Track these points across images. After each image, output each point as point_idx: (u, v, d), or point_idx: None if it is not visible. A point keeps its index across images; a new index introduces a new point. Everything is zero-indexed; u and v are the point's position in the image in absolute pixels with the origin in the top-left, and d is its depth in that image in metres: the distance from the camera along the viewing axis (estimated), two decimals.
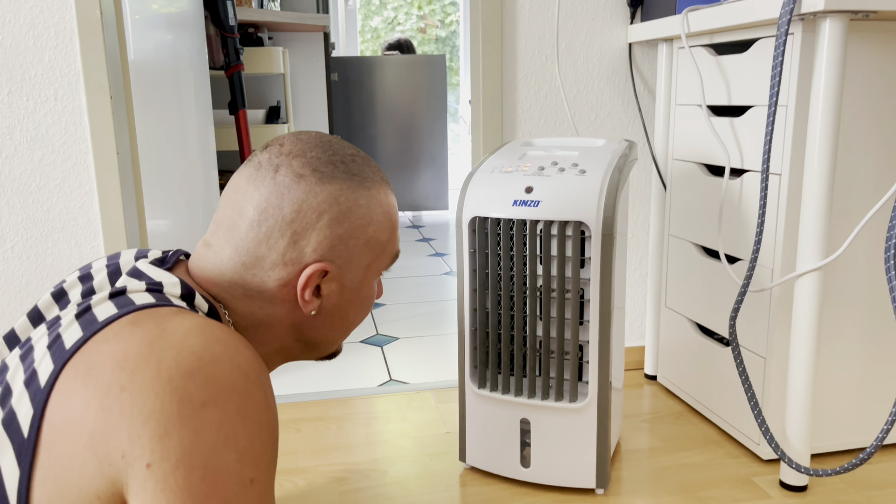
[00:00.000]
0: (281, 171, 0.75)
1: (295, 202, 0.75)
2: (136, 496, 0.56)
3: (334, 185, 0.76)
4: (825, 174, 1.15)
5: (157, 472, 0.56)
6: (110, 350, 0.60)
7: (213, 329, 0.63)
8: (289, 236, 0.75)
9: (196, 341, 0.61)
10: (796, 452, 1.25)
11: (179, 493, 0.56)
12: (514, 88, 1.66)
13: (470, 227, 1.24)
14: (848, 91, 1.22)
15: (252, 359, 0.64)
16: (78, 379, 0.59)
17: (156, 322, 0.63)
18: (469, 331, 1.28)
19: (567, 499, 1.26)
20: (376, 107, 4.01)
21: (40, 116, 1.49)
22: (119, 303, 0.67)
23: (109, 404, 0.57)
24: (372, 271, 0.82)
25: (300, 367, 1.91)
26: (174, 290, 0.71)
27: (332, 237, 0.76)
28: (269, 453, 0.62)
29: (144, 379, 0.58)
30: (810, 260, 1.18)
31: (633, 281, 1.82)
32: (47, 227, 1.54)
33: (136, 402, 0.57)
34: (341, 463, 1.39)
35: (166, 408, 0.57)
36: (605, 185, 1.18)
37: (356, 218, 0.78)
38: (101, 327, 0.63)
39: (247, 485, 0.59)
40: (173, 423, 0.57)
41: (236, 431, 0.59)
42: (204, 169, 2.33)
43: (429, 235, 3.76)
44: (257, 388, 0.62)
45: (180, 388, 0.58)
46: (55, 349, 0.63)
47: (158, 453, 0.56)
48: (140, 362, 0.59)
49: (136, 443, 0.56)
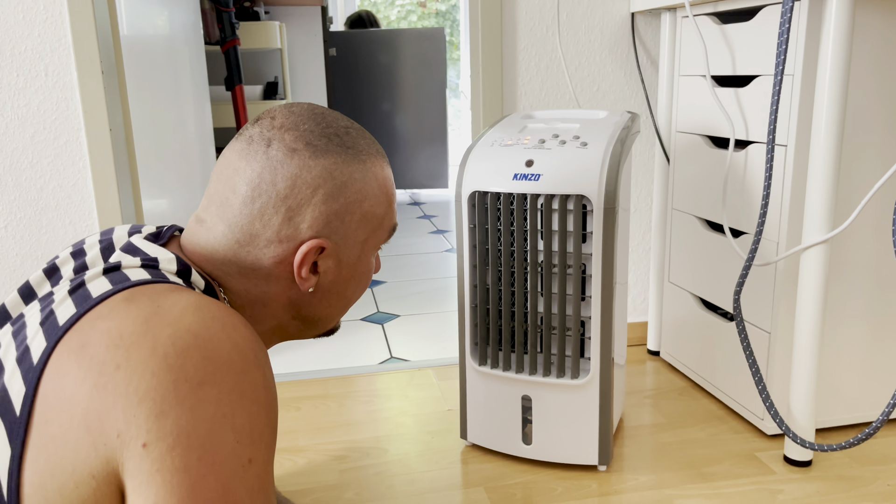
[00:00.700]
0: (273, 146, 0.73)
1: (288, 177, 0.73)
2: (132, 476, 0.55)
3: (328, 158, 0.74)
4: (832, 145, 1.13)
5: (153, 451, 0.55)
6: (105, 327, 0.59)
7: (210, 306, 0.62)
8: (283, 212, 0.73)
9: (192, 319, 0.60)
10: (800, 427, 1.23)
11: (176, 474, 0.55)
12: (515, 60, 1.63)
13: (469, 202, 1.22)
14: (855, 60, 1.19)
15: (250, 337, 0.62)
16: (72, 356, 0.58)
17: (151, 299, 0.61)
18: (469, 307, 1.26)
19: (569, 475, 1.25)
20: (375, 82, 3.96)
21: (31, 92, 1.47)
22: (113, 279, 0.65)
23: (104, 382, 0.56)
24: (369, 246, 0.80)
25: (300, 346, 1.90)
26: (170, 267, 0.70)
27: (327, 212, 0.74)
28: (267, 433, 0.60)
29: (140, 357, 0.57)
30: (816, 233, 1.16)
31: (635, 256, 1.80)
32: (41, 206, 1.52)
33: (132, 381, 0.56)
34: (342, 441, 1.38)
35: (162, 387, 0.56)
36: (606, 158, 1.15)
37: (352, 192, 0.75)
38: (96, 304, 0.62)
39: (245, 465, 0.57)
40: (170, 403, 0.55)
41: (234, 411, 0.57)
42: (201, 146, 2.31)
43: (429, 213, 3.73)
44: (255, 366, 0.61)
45: (176, 367, 0.56)
46: (48, 326, 0.61)
47: (154, 433, 0.55)
48: (135, 340, 0.58)
49: (132, 422, 0.55)
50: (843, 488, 1.19)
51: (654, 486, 1.21)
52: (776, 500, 1.16)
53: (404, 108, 3.99)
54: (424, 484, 1.24)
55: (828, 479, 1.22)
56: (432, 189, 4.19)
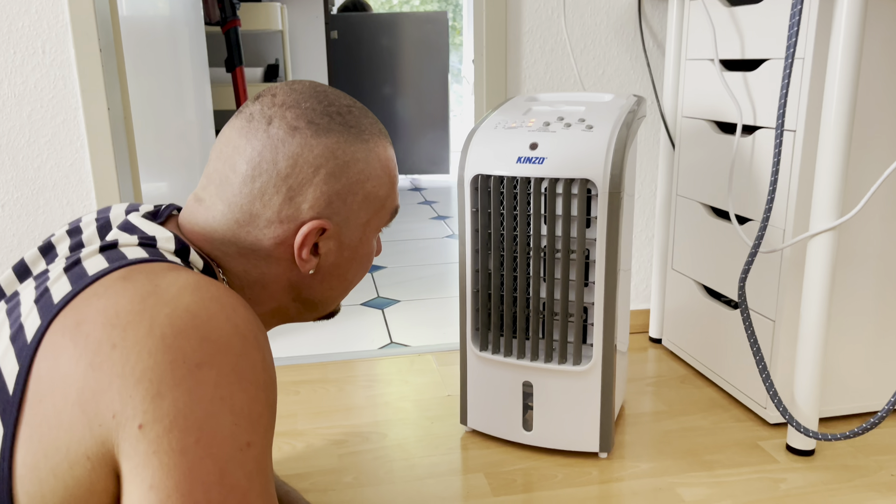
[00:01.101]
0: (274, 124, 0.71)
1: (290, 156, 0.71)
2: (128, 458, 0.54)
3: (330, 137, 0.72)
4: (842, 130, 1.11)
5: (149, 433, 0.54)
6: (101, 306, 0.58)
7: (209, 287, 0.60)
8: (284, 192, 0.71)
9: (191, 299, 0.58)
10: (804, 416, 1.22)
11: (173, 456, 0.53)
12: (519, 42, 1.60)
13: (472, 186, 1.20)
14: (867, 45, 1.17)
15: (249, 318, 0.61)
16: (66, 335, 0.57)
17: (149, 278, 0.60)
18: (471, 292, 1.25)
19: (570, 462, 1.24)
20: (377, 66, 3.93)
21: (28, 70, 1.44)
22: (110, 256, 0.64)
23: (100, 362, 0.55)
24: (371, 228, 0.78)
25: (300, 330, 1.89)
26: (168, 245, 0.68)
27: (329, 193, 0.72)
28: (266, 416, 0.59)
29: (137, 336, 0.55)
30: (824, 219, 1.14)
31: (638, 243, 1.78)
32: (38, 185, 1.50)
33: (128, 361, 0.55)
34: (341, 425, 1.38)
35: (159, 367, 0.54)
36: (612, 142, 1.13)
37: (354, 172, 0.74)
38: (91, 282, 0.60)
39: (243, 448, 0.56)
40: (167, 384, 0.54)
41: (232, 393, 0.56)
42: (200, 128, 2.28)
43: (430, 198, 3.71)
44: (255, 348, 0.59)
45: (174, 348, 0.55)
46: (42, 304, 0.60)
47: (151, 414, 0.54)
48: (132, 319, 0.56)
49: (128, 403, 0.54)
50: (846, 478, 1.18)
51: (655, 473, 1.20)
52: (778, 489, 1.15)
53: (406, 93, 3.96)
54: (424, 469, 1.23)
55: (831, 468, 1.21)
56: (433, 175, 4.16)
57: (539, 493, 1.15)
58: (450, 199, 3.70)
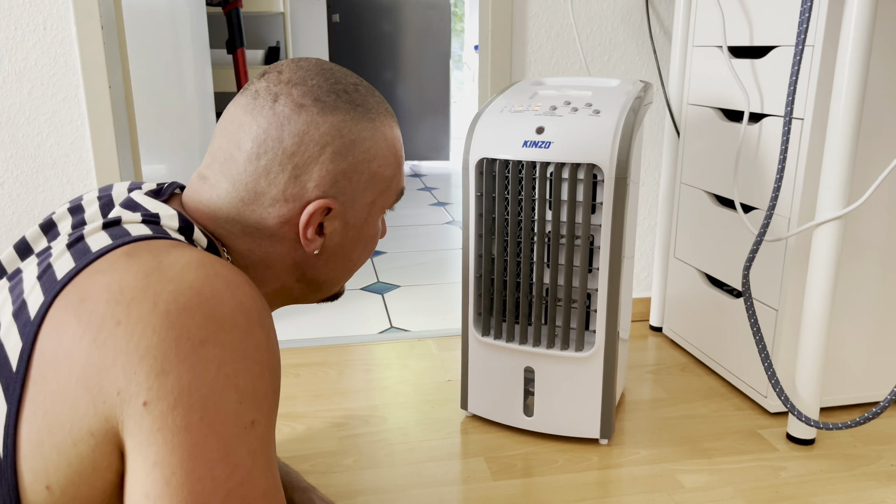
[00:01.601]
0: (280, 101, 0.70)
1: (296, 134, 0.70)
2: (132, 434, 0.54)
3: (337, 115, 0.71)
4: (851, 119, 1.10)
5: (153, 410, 0.53)
6: (104, 282, 0.57)
7: (214, 264, 0.60)
8: (290, 170, 0.70)
9: (195, 276, 0.58)
10: (805, 405, 1.22)
11: (177, 433, 0.53)
12: (525, 26, 1.59)
13: (477, 170, 1.19)
14: (877, 34, 1.16)
15: (254, 296, 0.60)
16: (70, 311, 0.56)
17: (153, 254, 0.59)
18: (474, 277, 1.24)
19: (570, 448, 1.24)
20: (378, 50, 3.90)
21: (29, 46, 1.43)
22: (113, 233, 0.63)
23: (104, 338, 0.54)
24: (376, 208, 0.78)
25: (300, 313, 1.89)
26: (172, 223, 0.67)
27: (335, 171, 0.72)
28: (270, 395, 0.59)
29: (141, 313, 0.55)
30: (830, 209, 1.14)
31: (641, 231, 1.78)
32: (38, 163, 1.49)
33: (132, 338, 0.54)
34: (341, 408, 1.37)
35: (164, 344, 0.54)
36: (619, 127, 1.12)
37: (360, 151, 0.73)
38: (95, 258, 0.60)
39: (248, 426, 0.56)
40: (171, 361, 0.54)
41: (237, 371, 0.56)
42: (201, 110, 2.27)
43: (430, 185, 3.70)
44: (259, 327, 0.59)
45: (178, 324, 0.55)
46: (45, 280, 0.60)
47: (156, 391, 0.53)
48: (136, 295, 0.56)
49: (133, 380, 0.53)
50: (845, 467, 1.18)
51: (654, 460, 1.20)
52: (778, 477, 1.15)
53: (407, 78, 3.94)
54: (424, 452, 1.23)
55: (831, 457, 1.21)
56: (434, 161, 4.15)
57: (539, 478, 1.15)
58: (450, 185, 3.69)
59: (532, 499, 1.10)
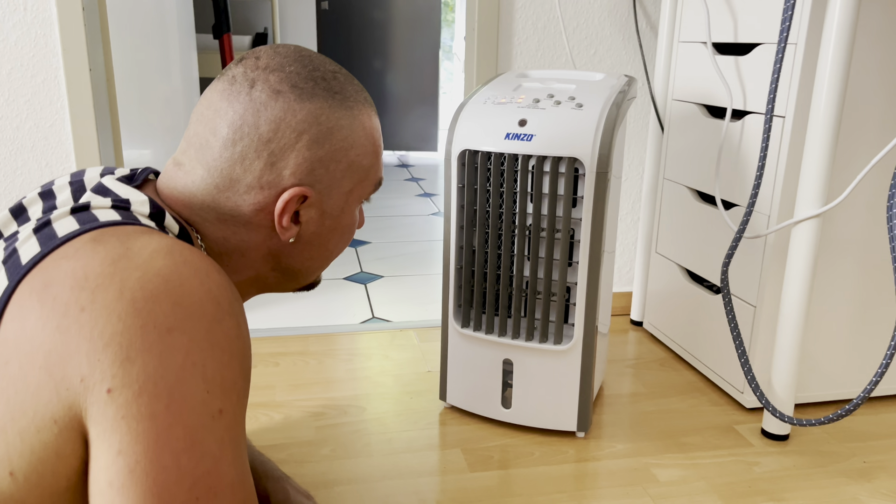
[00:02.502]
0: (257, 87, 0.70)
1: (272, 120, 0.69)
2: (96, 422, 0.53)
3: (314, 103, 0.71)
4: (831, 118, 1.10)
5: (118, 398, 0.52)
6: (70, 267, 0.56)
7: (183, 251, 0.59)
8: (265, 157, 0.69)
9: (163, 263, 0.57)
10: (780, 401, 1.23)
11: (142, 421, 0.52)
12: (511, 18, 1.58)
13: (459, 161, 1.19)
14: (859, 34, 1.16)
15: (224, 284, 0.60)
16: (34, 296, 0.55)
17: (120, 240, 0.59)
18: (454, 269, 1.24)
19: (547, 440, 1.25)
20: (367, 39, 3.88)
21: (9, 27, 1.41)
22: (81, 218, 0.62)
23: (67, 325, 0.54)
24: (354, 198, 0.77)
25: (280, 302, 1.88)
26: (142, 209, 0.66)
27: (311, 159, 0.71)
28: (239, 384, 0.58)
29: (106, 300, 0.54)
30: (809, 206, 1.14)
31: (623, 226, 1.78)
32: (16, 146, 1.47)
33: (97, 324, 0.53)
34: (319, 398, 1.37)
35: (129, 332, 0.53)
36: (601, 121, 1.12)
37: (337, 140, 0.72)
38: (61, 243, 0.59)
39: (215, 415, 0.55)
40: (136, 348, 0.53)
41: (204, 359, 0.55)
42: (186, 95, 2.25)
43: (417, 175, 3.69)
44: (229, 315, 0.58)
45: (145, 312, 0.54)
46: (10, 264, 0.59)
47: (120, 379, 0.53)
48: (102, 282, 0.55)
49: (97, 367, 0.53)
50: (819, 463, 1.19)
51: (631, 454, 1.21)
52: (752, 472, 1.16)
53: (396, 68, 3.92)
54: (401, 443, 1.23)
55: (805, 453, 1.22)
56: (421, 152, 4.14)
57: (515, 470, 1.16)
58: (437, 176, 3.68)
59: (508, 490, 1.11)
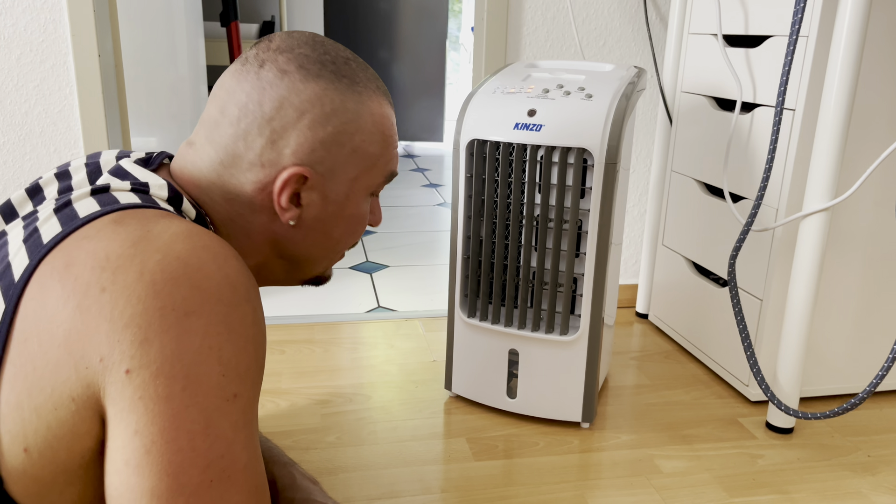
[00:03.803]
0: (265, 67, 0.70)
1: (276, 98, 0.70)
2: (114, 402, 0.54)
3: (319, 84, 0.71)
4: (842, 111, 1.10)
5: (136, 378, 0.53)
6: (91, 248, 0.57)
7: (202, 236, 0.59)
8: (267, 135, 0.70)
9: (183, 247, 0.57)
10: (785, 394, 1.24)
11: (159, 402, 0.53)
12: (521, 8, 1.58)
13: (467, 151, 1.19)
14: (871, 27, 1.16)
15: (241, 270, 0.60)
16: (55, 275, 0.56)
17: (141, 223, 0.59)
18: (461, 259, 1.24)
19: (552, 430, 1.25)
20: (374, 28, 3.87)
21: (18, 12, 1.41)
22: (102, 200, 0.63)
23: (88, 305, 0.54)
24: (360, 186, 0.77)
25: (288, 290, 1.88)
26: (161, 193, 0.67)
27: (313, 140, 0.71)
28: (254, 369, 0.59)
29: (126, 281, 0.54)
30: (818, 200, 1.14)
31: (630, 218, 1.78)
32: (25, 131, 1.47)
33: (117, 305, 0.54)
34: (325, 386, 1.38)
35: (148, 313, 0.54)
36: (611, 112, 1.12)
37: (341, 122, 0.72)
38: (82, 224, 0.59)
39: (230, 399, 0.56)
40: (155, 330, 0.54)
41: (221, 343, 0.56)
42: (192, 83, 2.25)
43: (423, 166, 3.69)
44: (245, 301, 0.59)
45: (164, 294, 0.54)
46: (31, 243, 0.59)
47: (138, 360, 0.53)
48: (122, 263, 0.55)
49: (116, 347, 0.53)
50: (823, 457, 1.19)
51: (634, 445, 1.21)
52: (755, 464, 1.17)
53: (402, 58, 3.91)
54: (406, 431, 1.23)
55: (809, 447, 1.22)
56: (427, 142, 4.13)
57: (520, 459, 1.16)
58: (443, 167, 3.68)
59: (512, 480, 1.11)
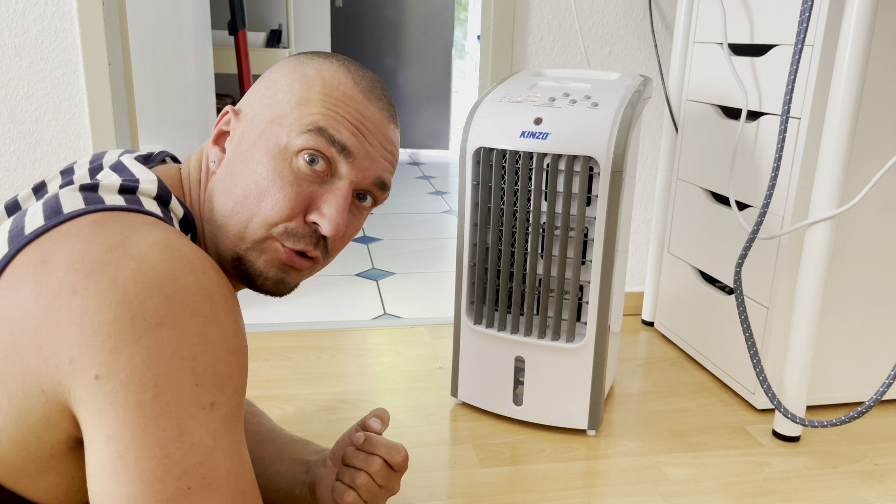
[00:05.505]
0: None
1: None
2: (85, 405, 0.54)
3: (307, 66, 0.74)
4: (847, 120, 1.10)
5: (105, 385, 0.53)
6: (69, 247, 0.57)
7: (181, 247, 0.59)
8: None
9: (159, 256, 0.57)
10: (792, 403, 1.23)
11: (129, 409, 0.53)
12: (527, 16, 1.59)
13: (474, 158, 1.20)
14: (876, 36, 1.16)
15: (220, 282, 0.60)
16: (31, 268, 0.57)
17: (122, 228, 0.59)
18: (468, 266, 1.25)
19: (558, 438, 1.25)
20: (380, 36, 3.89)
21: (29, 21, 1.42)
22: (88, 198, 0.63)
23: (59, 305, 0.55)
24: (274, 130, 0.70)
25: (294, 296, 1.89)
26: (149, 188, 0.67)
27: (253, 92, 0.76)
28: (235, 378, 0.59)
29: (99, 287, 0.55)
30: (824, 208, 1.14)
31: (636, 225, 1.78)
32: (35, 139, 1.48)
33: (88, 310, 0.54)
34: (331, 392, 1.38)
35: (118, 322, 0.54)
36: (617, 120, 1.13)
37: (280, 76, 0.74)
38: (65, 220, 0.60)
39: (205, 407, 0.56)
40: (125, 339, 0.54)
41: (195, 353, 0.56)
42: (200, 91, 2.26)
43: (429, 173, 3.70)
44: (225, 312, 0.59)
45: (136, 304, 0.55)
46: (14, 233, 0.60)
47: (108, 367, 0.53)
48: (96, 268, 0.56)
49: (85, 352, 0.54)
50: (830, 464, 1.19)
51: (641, 452, 1.21)
52: (762, 472, 1.17)
53: (408, 66, 3.92)
54: (413, 438, 1.23)
55: (815, 454, 1.22)
56: (433, 150, 4.14)
57: (526, 466, 1.16)
58: (448, 174, 3.69)
59: (518, 486, 1.11)
